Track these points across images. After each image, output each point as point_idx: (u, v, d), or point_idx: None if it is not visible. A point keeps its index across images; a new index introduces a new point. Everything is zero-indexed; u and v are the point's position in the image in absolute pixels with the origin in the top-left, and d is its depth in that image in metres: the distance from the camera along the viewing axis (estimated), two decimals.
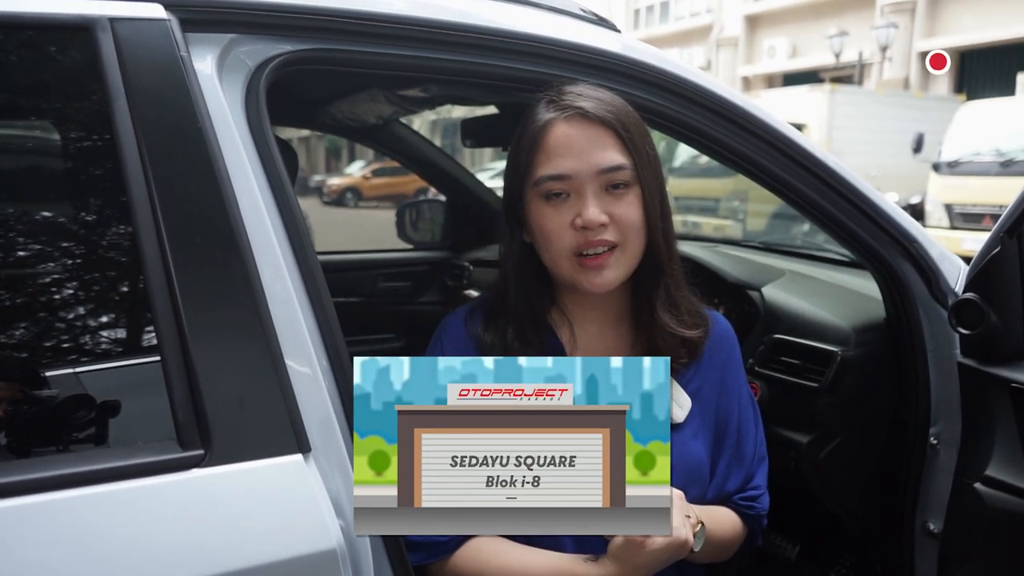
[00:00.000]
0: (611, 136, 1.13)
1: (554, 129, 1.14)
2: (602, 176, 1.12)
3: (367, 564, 0.97)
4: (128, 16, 0.97)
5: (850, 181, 1.48)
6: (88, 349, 1.04)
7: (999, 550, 1.40)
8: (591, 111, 1.13)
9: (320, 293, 1.02)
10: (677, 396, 1.20)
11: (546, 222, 1.14)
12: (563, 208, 1.13)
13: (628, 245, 1.15)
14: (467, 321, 1.24)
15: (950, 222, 8.60)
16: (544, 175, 1.13)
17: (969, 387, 1.49)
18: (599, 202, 1.12)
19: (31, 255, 1.07)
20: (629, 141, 1.13)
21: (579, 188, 1.12)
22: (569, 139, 1.13)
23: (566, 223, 1.13)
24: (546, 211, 1.14)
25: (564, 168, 1.12)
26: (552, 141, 1.13)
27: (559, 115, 1.14)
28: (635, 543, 1.00)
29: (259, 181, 1.02)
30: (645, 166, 1.15)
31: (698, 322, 1.23)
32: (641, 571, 1.04)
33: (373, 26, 1.14)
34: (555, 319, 1.24)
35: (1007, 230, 1.39)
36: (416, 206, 3.12)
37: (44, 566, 0.82)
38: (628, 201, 1.14)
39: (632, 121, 1.16)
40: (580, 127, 1.13)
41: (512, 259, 1.21)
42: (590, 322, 1.24)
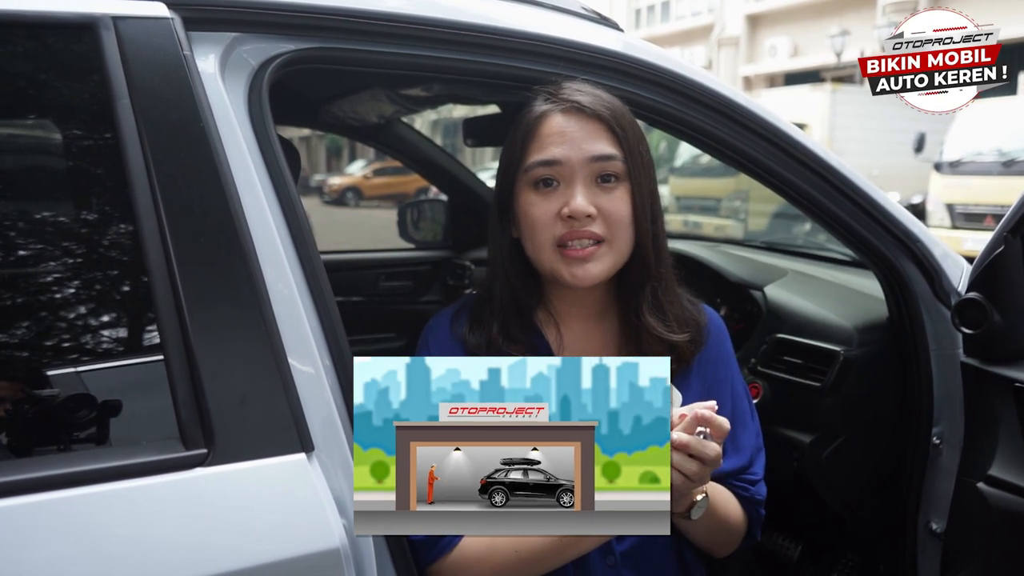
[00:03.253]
0: (605, 130, 1.14)
1: (549, 119, 1.14)
2: (593, 164, 1.12)
3: (370, 563, 0.97)
4: (131, 15, 0.97)
5: (853, 180, 1.48)
6: (92, 348, 1.04)
7: (1002, 550, 1.40)
8: (587, 105, 1.14)
9: (323, 292, 1.02)
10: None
11: (532, 209, 1.14)
12: (552, 197, 1.13)
13: (615, 242, 1.14)
14: (453, 322, 1.23)
15: (952, 222, 8.59)
16: (534, 160, 1.13)
17: (972, 387, 1.48)
18: (588, 193, 1.12)
19: (35, 254, 1.07)
20: (623, 138, 1.14)
21: (569, 176, 1.12)
22: (563, 128, 1.13)
23: (553, 212, 1.12)
24: (533, 199, 1.14)
25: (555, 154, 1.12)
26: (546, 130, 1.14)
27: (555, 107, 1.15)
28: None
29: (262, 180, 1.02)
30: (637, 165, 1.15)
31: (687, 329, 1.22)
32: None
33: (375, 25, 1.14)
34: (541, 318, 1.23)
35: (1011, 230, 1.38)
36: (418, 205, 3.12)
37: (48, 565, 0.82)
38: (617, 195, 1.13)
39: (628, 121, 1.16)
40: (575, 119, 1.13)
41: (500, 255, 1.21)
42: (576, 321, 1.23)
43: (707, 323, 1.27)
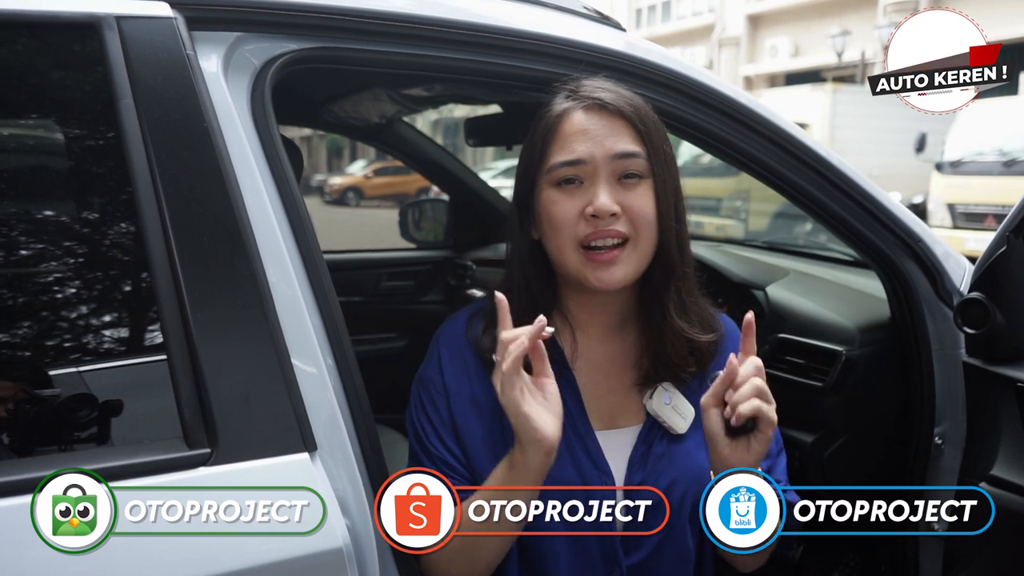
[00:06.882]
0: (628, 127, 1.11)
1: (571, 117, 1.12)
2: (616, 162, 1.10)
3: (372, 563, 0.97)
4: (134, 14, 0.97)
5: (855, 180, 1.48)
6: (95, 348, 1.04)
7: (1004, 550, 1.40)
8: (610, 102, 1.11)
9: (326, 292, 1.02)
10: (680, 407, 1.17)
11: (555, 208, 1.11)
12: (575, 195, 1.10)
13: (639, 240, 1.11)
14: (467, 326, 1.19)
15: (953, 222, 8.59)
16: (558, 161, 1.11)
17: (974, 387, 1.48)
18: (612, 191, 1.09)
19: (38, 254, 1.07)
20: (646, 135, 1.11)
21: (592, 174, 1.10)
22: (585, 126, 1.10)
23: (576, 211, 1.09)
24: (556, 197, 1.11)
25: (579, 153, 1.09)
26: (568, 128, 1.11)
27: (577, 104, 1.12)
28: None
29: (265, 180, 1.02)
30: (661, 162, 1.12)
31: (709, 328, 1.19)
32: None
33: (378, 25, 1.14)
34: (556, 324, 1.18)
35: (1013, 229, 1.38)
36: (419, 205, 3.12)
37: (49, 563, 0.82)
38: (641, 192, 1.11)
39: (650, 118, 1.14)
40: (598, 116, 1.11)
41: (520, 256, 1.17)
42: (593, 327, 1.20)
43: (724, 331, 1.24)
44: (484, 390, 1.13)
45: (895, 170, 11.02)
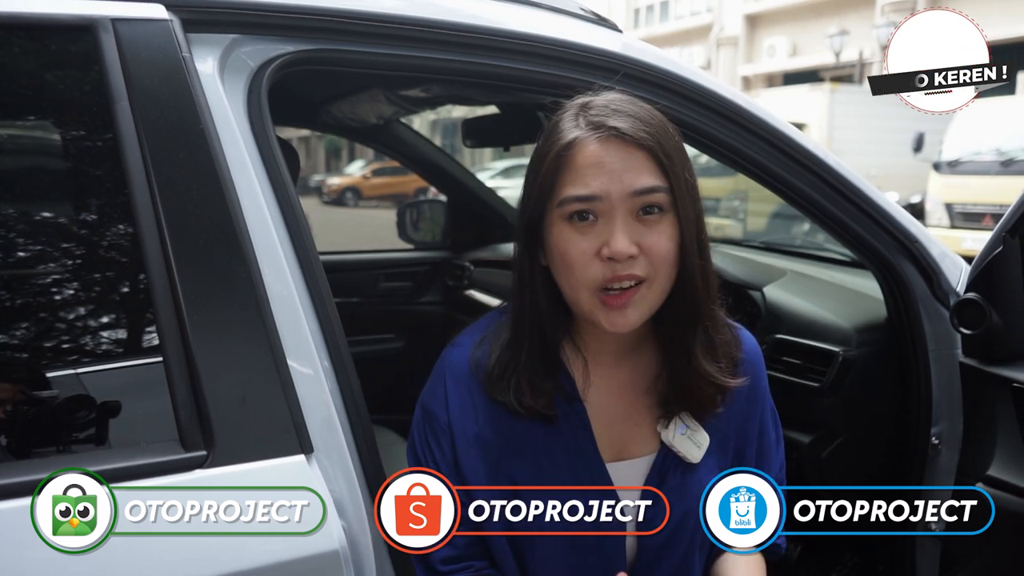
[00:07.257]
0: (648, 159, 1.01)
1: (584, 147, 1.01)
2: (635, 199, 1.01)
3: (369, 565, 0.97)
4: (130, 17, 0.97)
5: (851, 180, 1.48)
6: (91, 350, 1.04)
7: (1001, 550, 1.40)
8: (628, 132, 1.01)
9: (322, 293, 1.02)
10: (696, 436, 1.13)
11: (569, 248, 1.02)
12: (589, 233, 1.01)
13: (656, 280, 1.03)
14: (472, 357, 1.11)
15: (950, 221, 8.59)
16: (570, 195, 1.01)
17: (971, 387, 1.49)
18: (629, 230, 1.00)
19: (34, 256, 1.07)
20: (669, 167, 1.02)
21: (608, 212, 1.01)
22: (600, 159, 1.01)
23: (591, 251, 1.01)
24: (569, 235, 1.02)
25: (593, 188, 1.00)
26: (581, 160, 1.01)
27: (591, 135, 1.02)
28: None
29: (261, 181, 1.02)
30: (683, 193, 1.03)
31: (735, 368, 1.12)
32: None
33: (374, 26, 1.14)
34: (568, 354, 1.12)
35: (1009, 230, 1.39)
36: (417, 206, 3.12)
37: (49, 565, 0.82)
38: (661, 230, 1.02)
39: (672, 144, 1.04)
40: (614, 147, 1.01)
41: (528, 285, 1.08)
42: (605, 353, 1.13)
43: (749, 352, 1.17)
44: (491, 429, 1.08)
45: (893, 170, 11.02)
